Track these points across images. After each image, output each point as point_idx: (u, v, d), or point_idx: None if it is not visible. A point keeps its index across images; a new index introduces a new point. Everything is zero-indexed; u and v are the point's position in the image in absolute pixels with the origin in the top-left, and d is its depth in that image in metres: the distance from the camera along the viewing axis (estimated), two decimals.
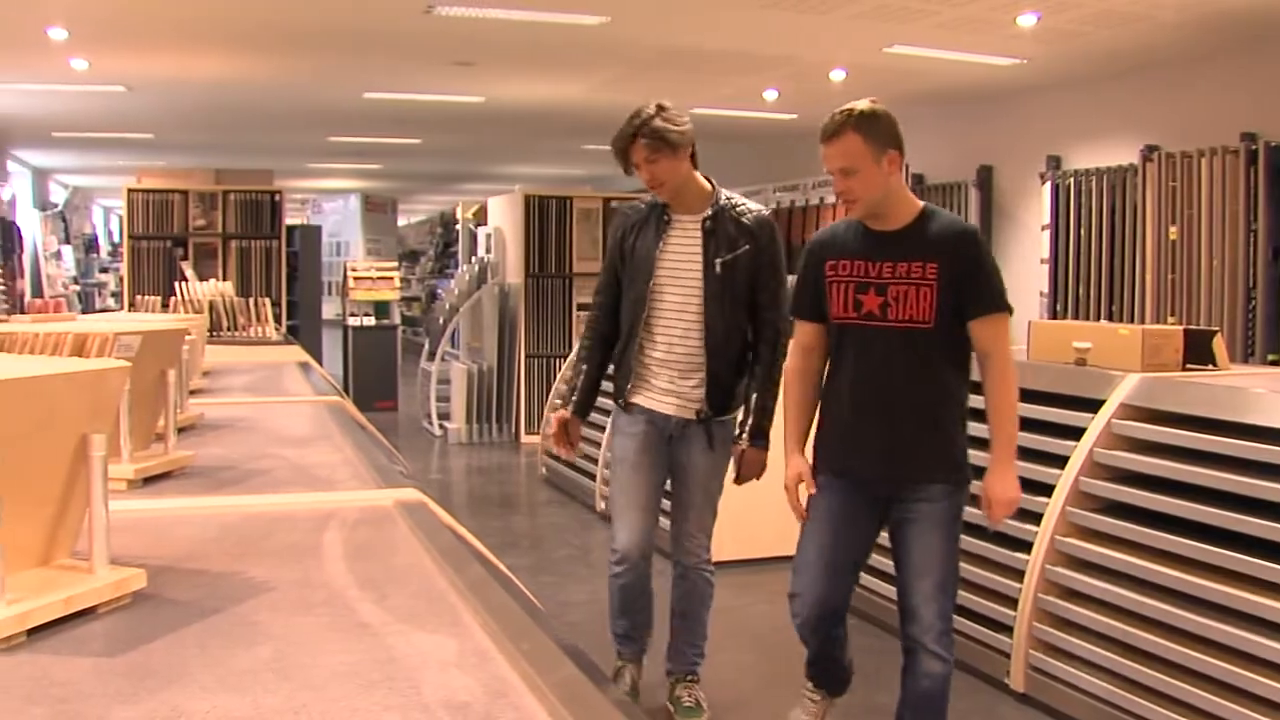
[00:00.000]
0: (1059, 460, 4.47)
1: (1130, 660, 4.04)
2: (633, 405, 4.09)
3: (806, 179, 13.87)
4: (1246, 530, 3.76)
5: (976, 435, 3.52)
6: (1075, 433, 4.48)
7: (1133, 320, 9.12)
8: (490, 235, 11.97)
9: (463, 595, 1.79)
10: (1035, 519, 4.45)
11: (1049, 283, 10.32)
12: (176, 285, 8.20)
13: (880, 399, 3.37)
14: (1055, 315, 10.14)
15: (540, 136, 15.14)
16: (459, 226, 16.64)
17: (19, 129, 14.38)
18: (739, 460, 4.06)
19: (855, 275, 3.36)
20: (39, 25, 8.31)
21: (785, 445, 3.62)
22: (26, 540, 1.66)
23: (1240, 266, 8.41)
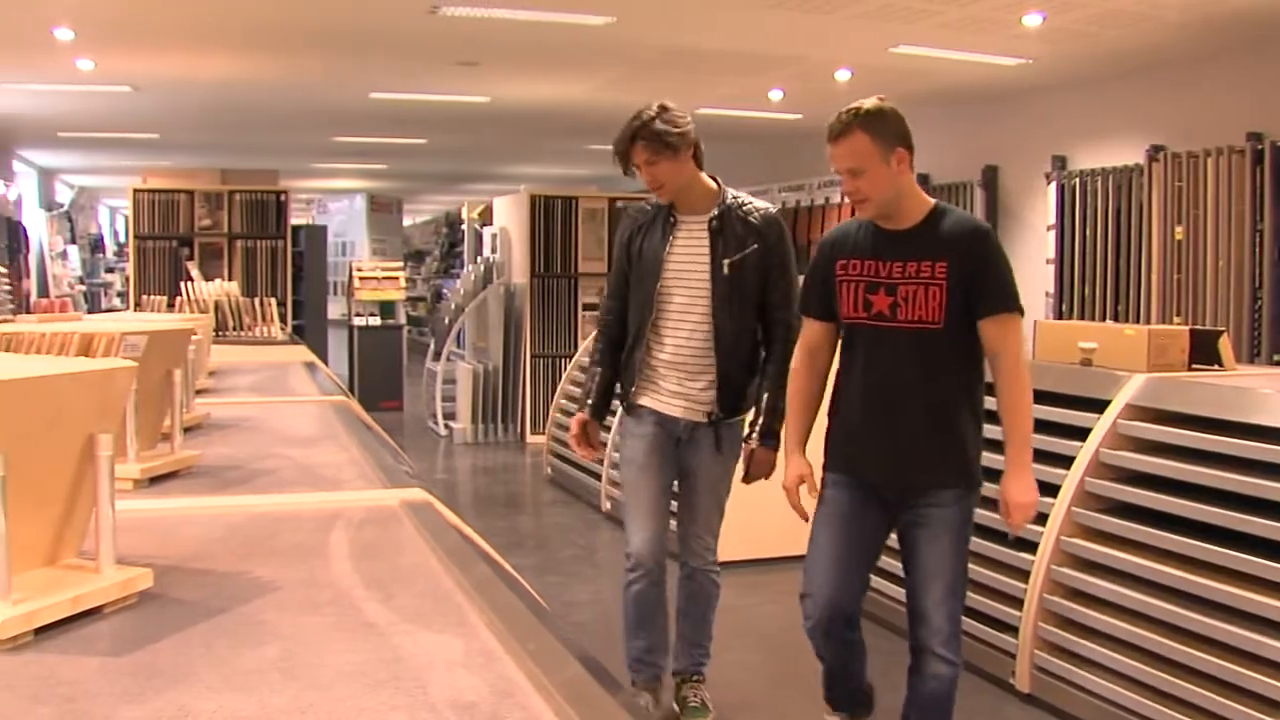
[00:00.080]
0: (1065, 461, 4.46)
1: (1136, 661, 4.03)
2: (640, 408, 4.05)
3: (812, 179, 13.88)
4: (1252, 531, 3.75)
5: (991, 438, 3.45)
6: (1081, 433, 4.47)
7: (1138, 320, 9.12)
8: (496, 235, 11.97)
9: (469, 595, 1.79)
10: (1041, 519, 4.43)
11: (1054, 283, 10.32)
12: (182, 285, 8.20)
13: (890, 401, 3.30)
14: (1061, 315, 10.14)
15: (545, 136, 15.15)
16: (464, 226, 16.62)
17: (25, 129, 14.40)
18: (748, 460, 4.01)
19: (865, 275, 3.30)
20: (45, 25, 8.34)
21: (786, 445, 3.57)
22: (33, 540, 1.66)
23: (1246, 266, 8.41)
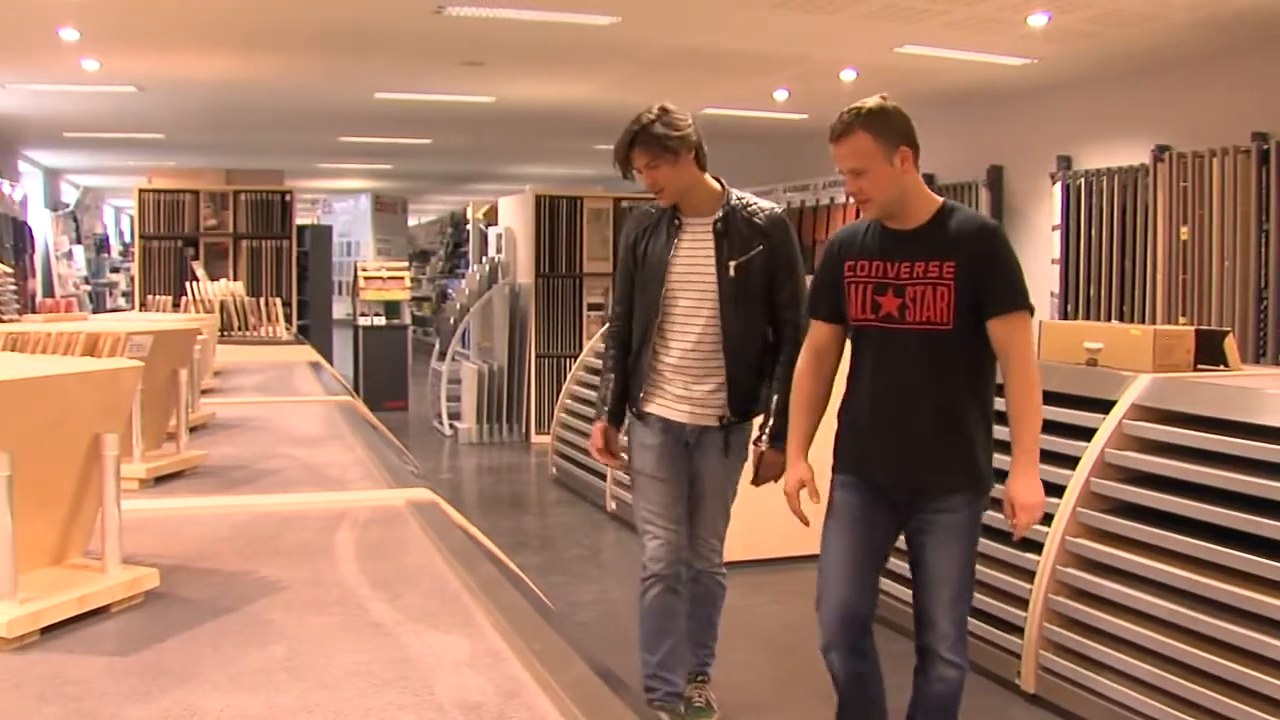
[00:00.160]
0: (1070, 461, 4.45)
1: (1142, 661, 4.02)
2: (647, 415, 4.00)
3: (817, 179, 13.89)
4: (1258, 531, 3.74)
5: (999, 439, 3.39)
6: (1086, 433, 4.46)
7: (1144, 321, 9.11)
8: (501, 235, 11.98)
9: (475, 595, 1.79)
10: (1046, 519, 4.43)
11: (1060, 283, 10.31)
12: (187, 285, 8.23)
13: (899, 404, 3.25)
14: (1066, 316, 10.14)
15: (550, 136, 15.16)
16: (469, 226, 16.64)
17: (31, 129, 14.42)
18: (758, 462, 3.95)
19: (873, 276, 3.24)
20: (50, 26, 8.35)
21: (788, 448, 3.50)
22: (39, 539, 1.67)
23: (1252, 266, 8.40)
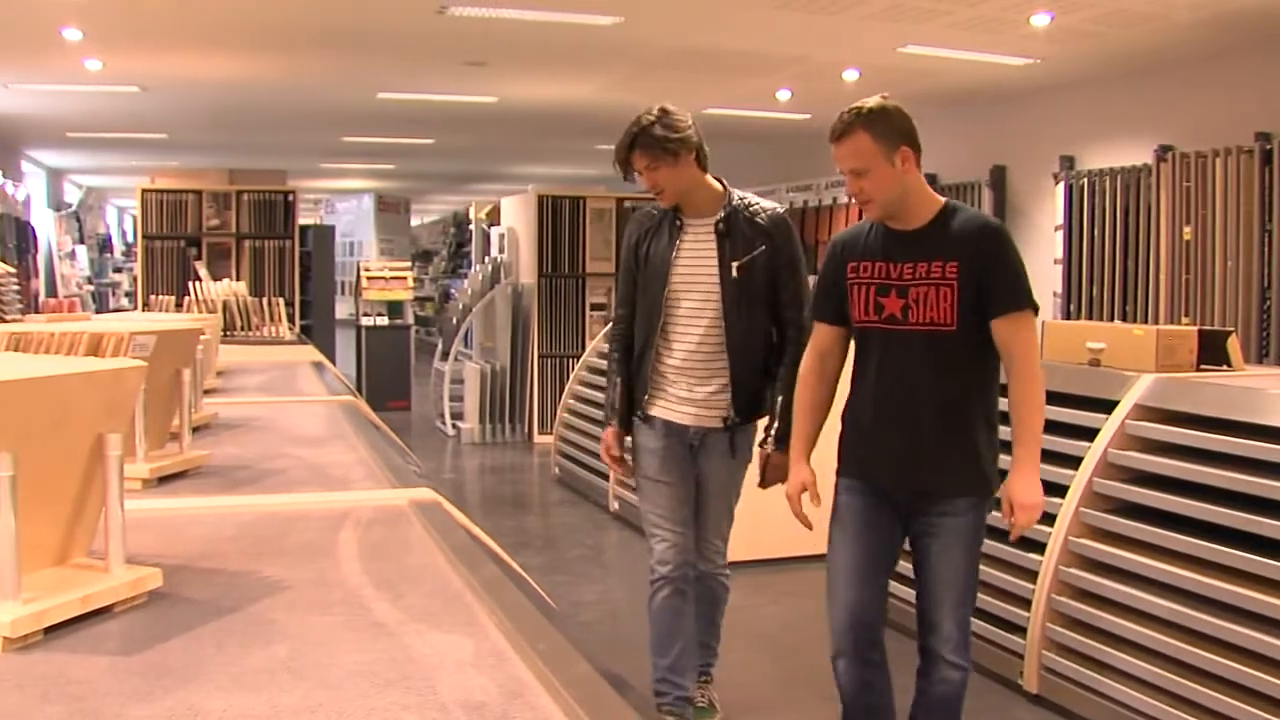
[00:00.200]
0: (1073, 461, 4.45)
1: (1144, 661, 4.02)
2: (650, 416, 3.97)
3: (820, 179, 13.88)
4: (1261, 531, 3.74)
5: (1003, 439, 3.36)
6: (1089, 433, 4.46)
7: (1147, 321, 9.10)
8: (503, 235, 11.98)
9: (478, 595, 1.79)
10: (1049, 520, 4.43)
11: (1063, 283, 10.30)
12: (190, 285, 8.23)
13: (902, 406, 3.21)
14: (1069, 316, 10.13)
15: (553, 136, 15.16)
16: (472, 226, 16.65)
17: (34, 129, 14.43)
18: (764, 464, 3.93)
19: (876, 277, 3.22)
20: (54, 26, 8.35)
21: (791, 451, 3.47)
22: (43, 539, 1.67)
23: (1255, 266, 8.39)
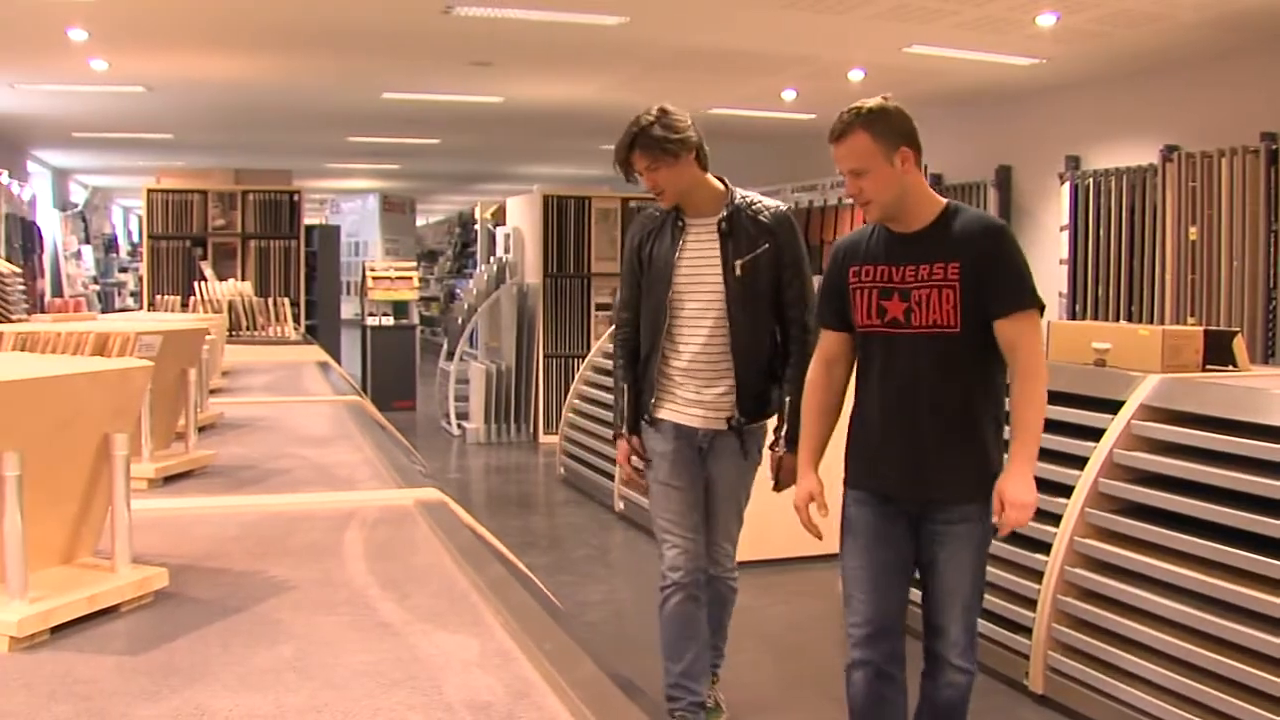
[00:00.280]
0: (1078, 461, 4.45)
1: (1150, 662, 4.02)
2: (659, 421, 3.93)
3: (825, 179, 13.86)
4: (1266, 532, 3.73)
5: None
6: (1095, 434, 4.46)
7: (1152, 321, 9.08)
8: (509, 235, 11.99)
9: (484, 595, 1.79)
10: (1054, 520, 4.44)
11: (1068, 283, 10.29)
12: (196, 285, 8.23)
13: (907, 411, 3.16)
14: (1074, 316, 10.11)
15: (558, 136, 15.16)
16: (477, 226, 16.66)
17: (39, 129, 14.45)
18: (777, 467, 3.90)
19: (878, 281, 3.18)
20: (59, 26, 8.36)
21: (799, 460, 3.44)
22: (49, 539, 1.67)
23: (1260, 267, 8.38)
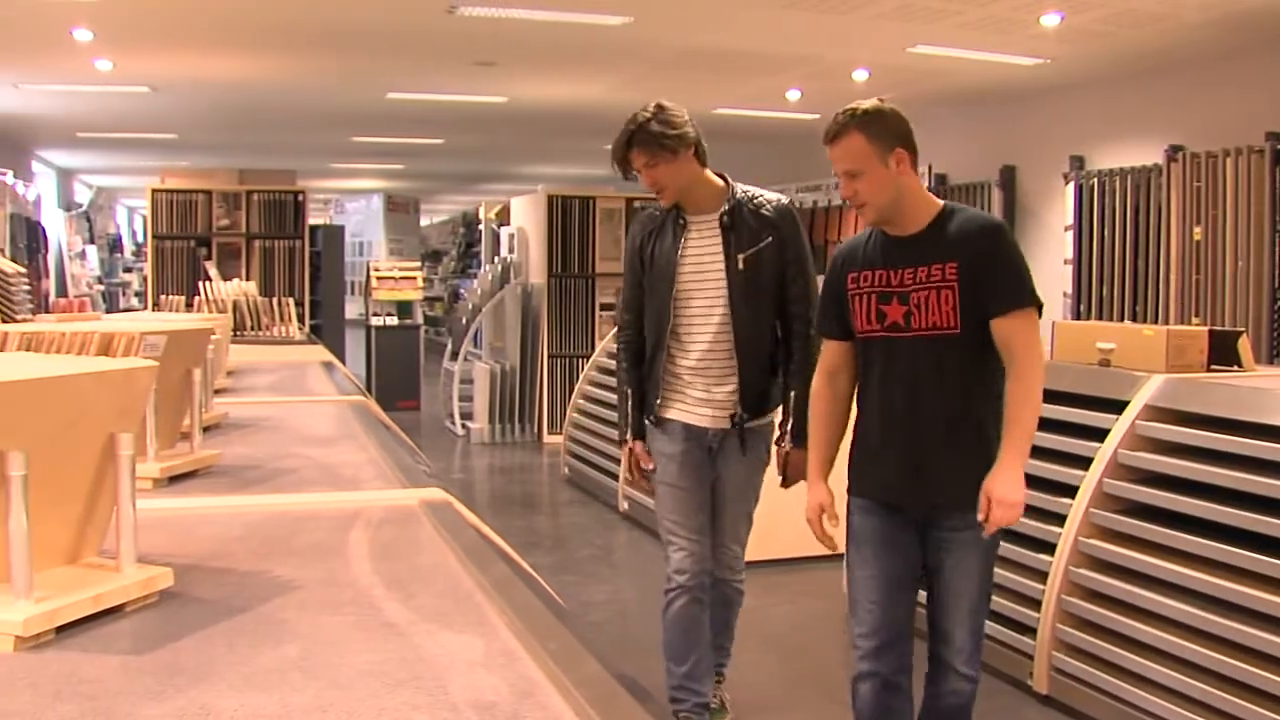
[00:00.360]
0: (1083, 461, 4.44)
1: (1154, 662, 4.01)
2: (667, 421, 3.89)
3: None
4: (1271, 532, 3.73)
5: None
6: (1099, 434, 4.45)
7: (1157, 321, 9.08)
8: (513, 235, 11.99)
9: (489, 595, 1.79)
10: (1059, 520, 4.43)
11: (1072, 283, 10.28)
12: (200, 285, 8.24)
13: (910, 415, 3.11)
14: (1079, 316, 10.10)
15: (562, 136, 15.17)
16: (481, 226, 16.67)
17: (44, 130, 14.47)
18: (783, 463, 3.89)
19: (877, 285, 3.14)
20: (64, 26, 8.37)
21: (809, 472, 3.38)
22: (55, 538, 1.67)
23: (1265, 267, 8.37)
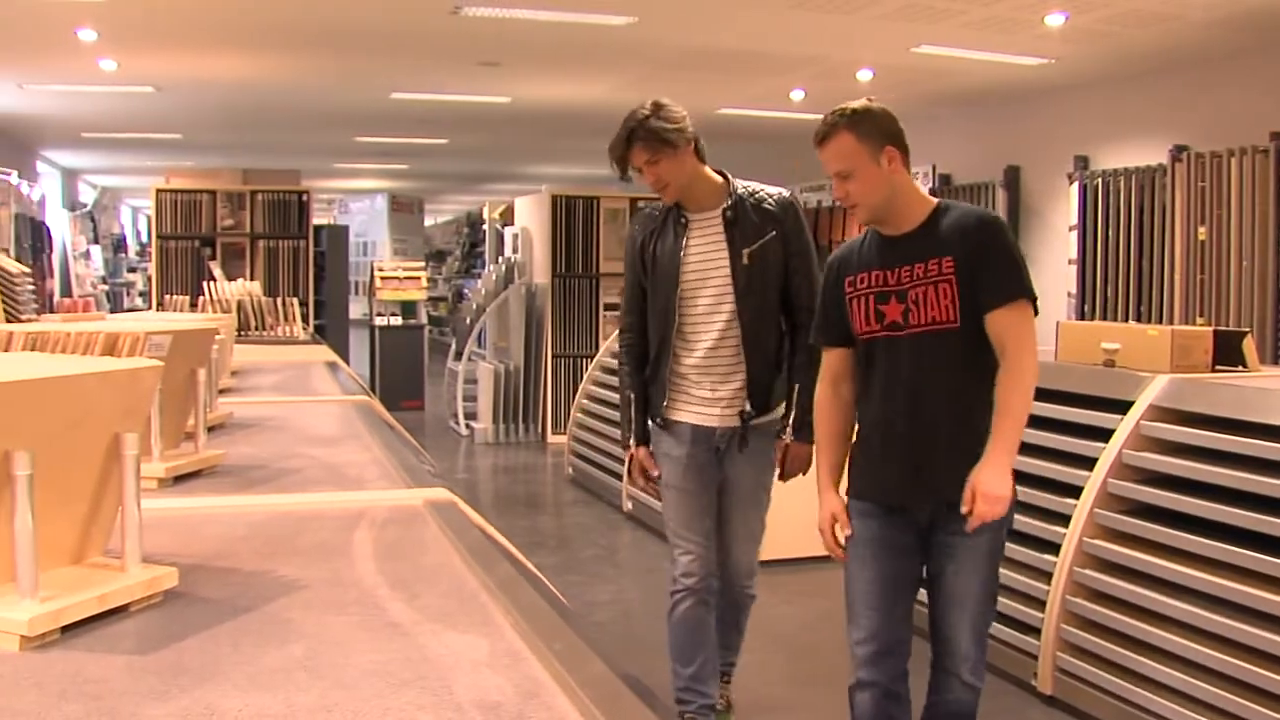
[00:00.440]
0: (1087, 462, 4.44)
1: (1158, 662, 4.00)
2: (674, 423, 3.84)
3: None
4: (1275, 532, 3.72)
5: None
6: (1104, 434, 4.44)
7: (1161, 321, 9.07)
8: (517, 235, 11.99)
9: (493, 595, 1.80)
10: (1063, 521, 4.43)
11: (1077, 283, 10.27)
12: (204, 285, 8.26)
13: (912, 414, 3.07)
14: (1083, 316, 10.10)
15: (566, 136, 15.17)
16: (485, 226, 16.68)
17: (49, 130, 14.49)
18: (783, 455, 3.86)
19: (874, 286, 3.11)
20: (68, 26, 8.38)
21: (818, 482, 3.33)
22: (60, 538, 1.68)
23: (1270, 267, 8.35)
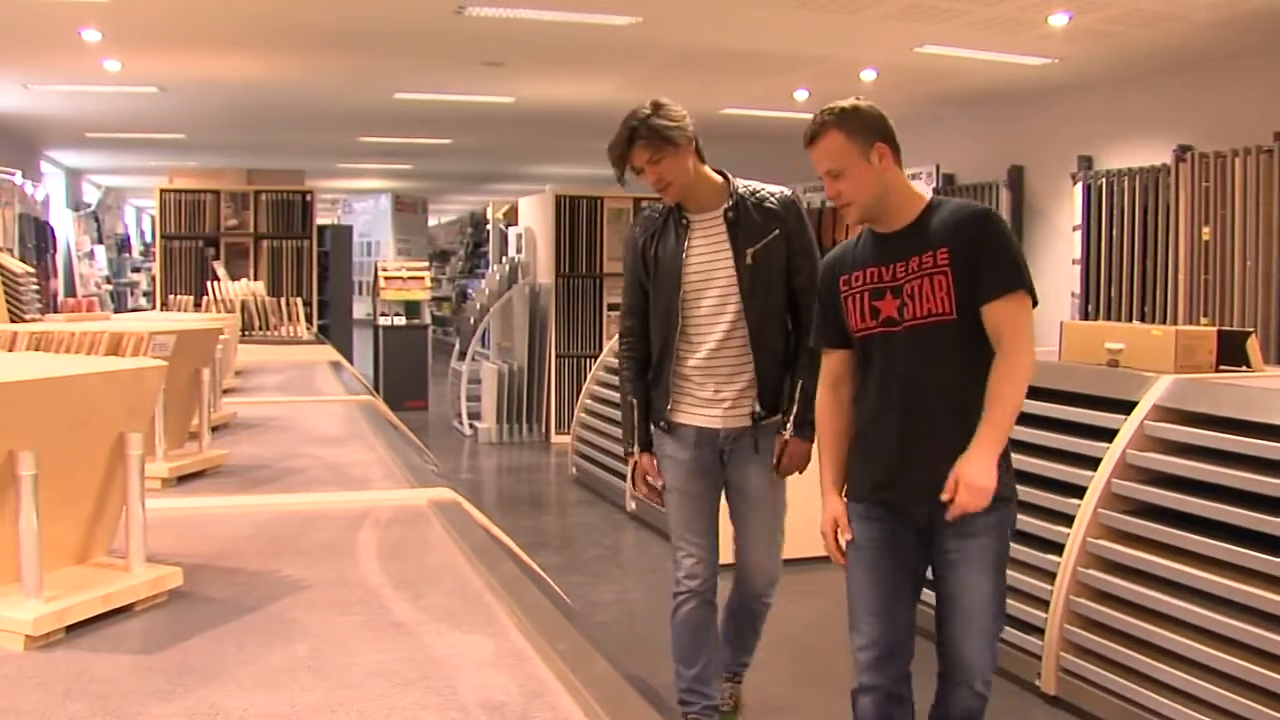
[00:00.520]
0: (1091, 462, 4.43)
1: (1162, 663, 4.00)
2: (677, 425, 3.82)
3: None
4: (1279, 532, 3.73)
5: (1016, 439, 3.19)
6: (1108, 434, 4.44)
7: (1165, 321, 9.06)
8: (521, 235, 11.99)
9: (497, 595, 1.80)
10: (1067, 521, 4.43)
11: (1080, 283, 10.26)
12: (208, 285, 8.27)
13: (911, 410, 3.03)
14: (1087, 316, 10.09)
15: (570, 136, 15.17)
16: (489, 226, 16.68)
17: (53, 130, 14.50)
18: (780, 451, 3.82)
19: (869, 283, 3.09)
20: (73, 27, 8.39)
21: (821, 485, 3.28)
22: (64, 538, 1.68)
23: (1274, 267, 8.34)
